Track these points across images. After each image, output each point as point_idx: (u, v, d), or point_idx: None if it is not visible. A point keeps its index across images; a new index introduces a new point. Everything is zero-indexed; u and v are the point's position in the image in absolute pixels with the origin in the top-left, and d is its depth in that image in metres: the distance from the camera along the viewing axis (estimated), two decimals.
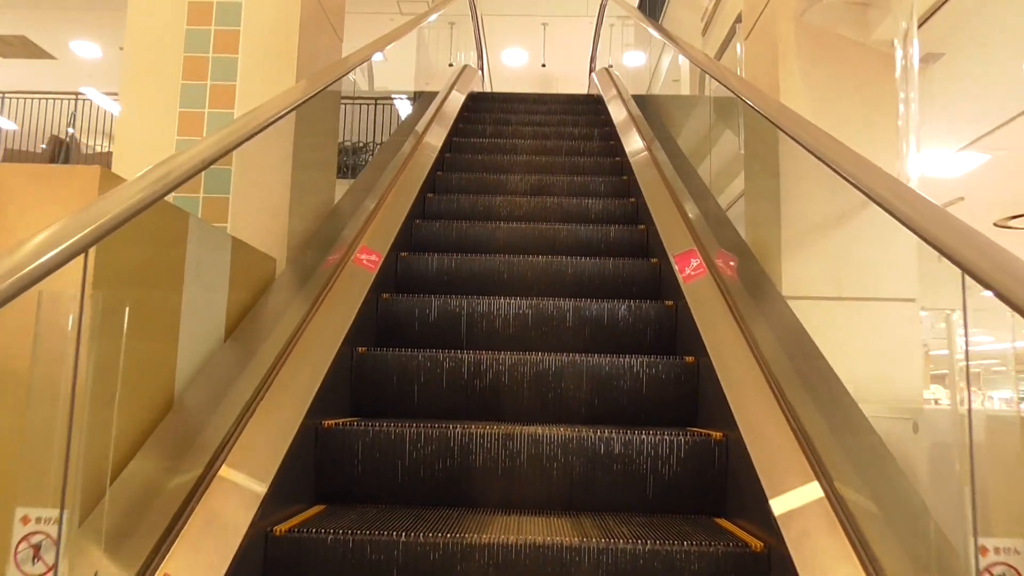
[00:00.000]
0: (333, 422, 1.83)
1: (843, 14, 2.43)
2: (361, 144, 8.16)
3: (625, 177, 3.87)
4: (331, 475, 1.82)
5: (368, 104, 8.15)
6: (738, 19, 4.28)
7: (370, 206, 2.81)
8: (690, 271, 2.35)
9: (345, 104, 7.89)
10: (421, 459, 1.80)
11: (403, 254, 2.85)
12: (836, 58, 2.51)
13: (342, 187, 2.93)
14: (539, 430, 1.81)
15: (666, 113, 4.70)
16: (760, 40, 2.64)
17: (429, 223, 3.23)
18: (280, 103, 1.81)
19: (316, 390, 1.78)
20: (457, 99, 5.26)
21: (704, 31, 5.42)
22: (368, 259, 2.45)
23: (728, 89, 2.23)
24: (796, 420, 1.59)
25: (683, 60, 5.34)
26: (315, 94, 2.03)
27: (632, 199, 3.54)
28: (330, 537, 1.50)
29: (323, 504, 1.79)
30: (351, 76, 2.76)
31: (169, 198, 1.34)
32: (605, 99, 5.48)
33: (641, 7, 9.00)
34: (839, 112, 2.50)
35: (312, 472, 1.80)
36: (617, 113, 4.92)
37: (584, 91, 7.72)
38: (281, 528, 1.51)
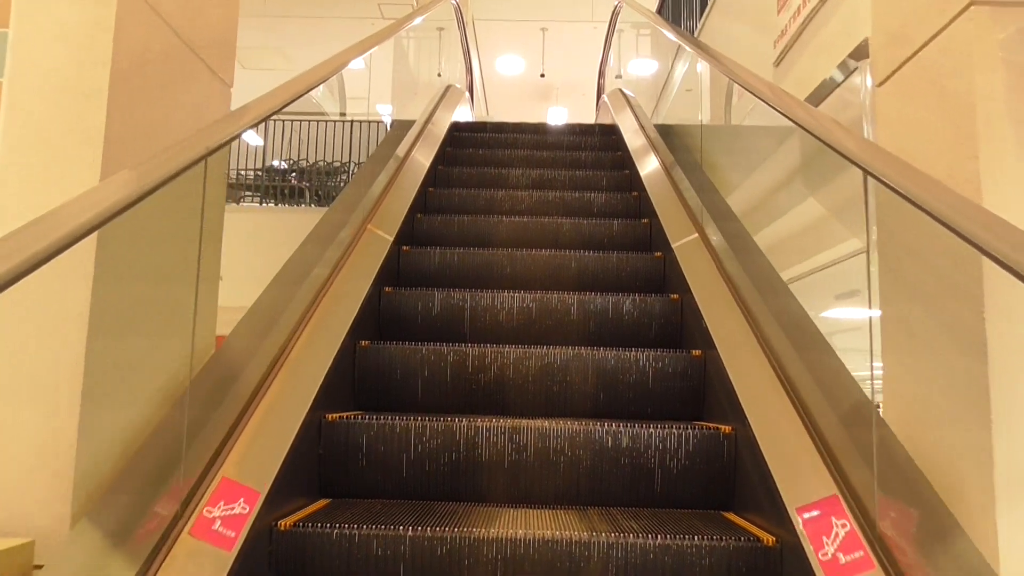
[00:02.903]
0: (337, 416, 1.81)
1: None
2: (339, 164, 7.37)
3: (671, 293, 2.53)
4: (335, 469, 1.79)
5: (344, 121, 7.36)
6: (857, 53, 2.82)
7: (232, 415, 1.53)
8: (836, 552, 1.24)
9: (313, 121, 7.29)
10: (426, 453, 1.78)
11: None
12: None
13: (289, 216, 2.13)
14: (546, 424, 1.79)
15: (697, 147, 3.36)
16: (917, 91, 1.54)
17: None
18: (80, 214, 1.01)
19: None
20: (435, 136, 4.13)
21: (779, 60, 3.71)
22: (223, 522, 1.32)
23: (875, 178, 1.26)
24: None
25: (702, 68, 4.09)
26: (149, 192, 1.14)
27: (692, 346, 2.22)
28: (335, 532, 1.48)
29: (328, 498, 1.77)
30: (315, 93, 2.17)
31: None
32: (621, 129, 4.39)
33: (661, 12, 7.61)
34: None
35: (316, 466, 1.77)
36: (633, 140, 4.02)
37: (590, 113, 6.43)
38: (286, 523, 1.48)
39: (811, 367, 1.67)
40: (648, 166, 3.51)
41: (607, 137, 4.58)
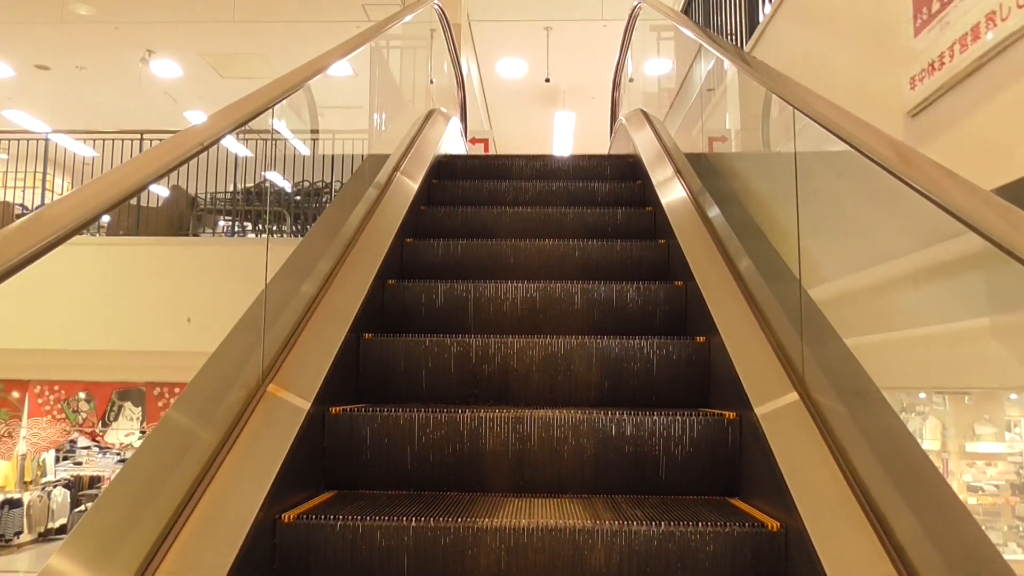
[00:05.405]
0: (340, 408, 1.81)
1: None
2: (322, 185, 7.00)
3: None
4: (340, 462, 1.80)
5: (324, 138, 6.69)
6: None
7: None
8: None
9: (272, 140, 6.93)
10: (430, 444, 1.78)
11: None
12: None
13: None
14: (549, 413, 1.78)
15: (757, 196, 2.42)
16: None
17: None
18: None
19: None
20: (421, 161, 3.45)
21: (919, 110, 2.32)
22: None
23: None
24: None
25: (728, 65, 3.17)
26: None
27: None
28: (339, 523, 1.48)
29: (333, 490, 1.77)
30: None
31: None
32: (644, 162, 3.46)
33: (688, 14, 6.29)
34: None
35: (320, 459, 1.78)
36: (662, 176, 3.17)
37: (598, 119, 5.76)
38: (290, 515, 1.49)
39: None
40: (678, 210, 2.79)
41: (630, 171, 3.70)
